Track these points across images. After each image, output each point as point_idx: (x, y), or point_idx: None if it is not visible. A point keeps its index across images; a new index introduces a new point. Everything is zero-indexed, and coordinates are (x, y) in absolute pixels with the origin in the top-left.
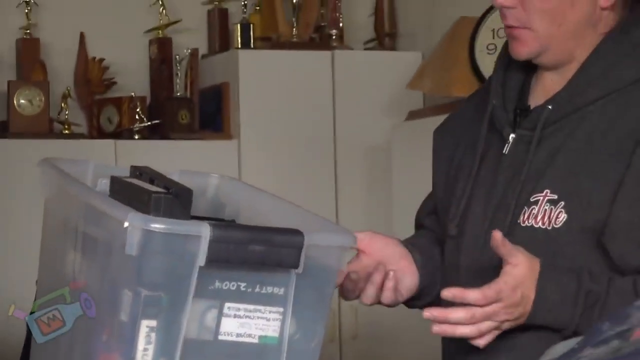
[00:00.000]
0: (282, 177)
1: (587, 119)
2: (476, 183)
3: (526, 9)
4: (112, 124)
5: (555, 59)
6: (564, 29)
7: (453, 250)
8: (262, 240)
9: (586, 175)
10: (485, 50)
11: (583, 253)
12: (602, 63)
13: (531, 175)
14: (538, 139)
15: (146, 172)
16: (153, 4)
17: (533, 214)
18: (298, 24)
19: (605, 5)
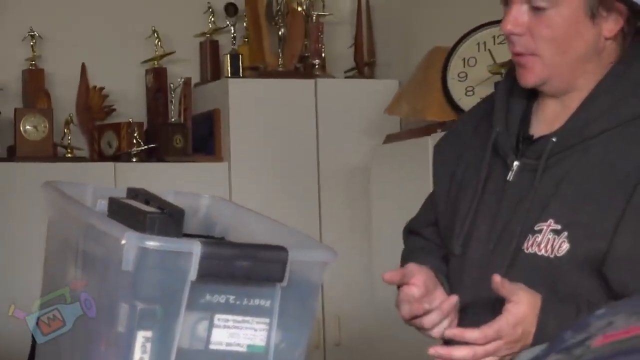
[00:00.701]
0: (270, 196)
1: (591, 151)
2: (480, 206)
3: (534, 36)
4: (112, 148)
5: (560, 87)
6: (569, 57)
7: (457, 269)
8: (249, 256)
9: (589, 207)
10: (456, 78)
11: (584, 281)
12: (607, 98)
13: (536, 204)
14: (543, 169)
15: (142, 193)
16: (149, 36)
17: (537, 242)
18: (283, 54)
19: (609, 35)
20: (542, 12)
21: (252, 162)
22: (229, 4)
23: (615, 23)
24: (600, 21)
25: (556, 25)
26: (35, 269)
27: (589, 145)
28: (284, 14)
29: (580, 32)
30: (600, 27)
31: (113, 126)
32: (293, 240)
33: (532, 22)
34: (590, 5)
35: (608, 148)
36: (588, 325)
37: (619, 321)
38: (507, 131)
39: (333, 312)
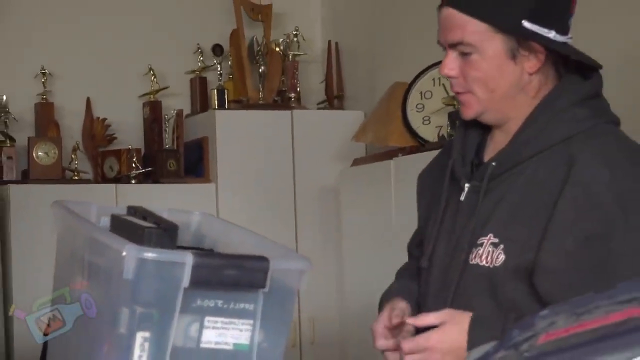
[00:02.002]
0: (252, 213)
1: (524, 173)
2: (442, 224)
3: (466, 78)
4: (114, 171)
5: (495, 118)
6: (497, 93)
7: (425, 280)
8: (235, 265)
9: (521, 223)
10: (415, 109)
11: (518, 289)
12: (536, 126)
13: (479, 220)
14: (485, 190)
15: (140, 210)
16: (145, 73)
17: (479, 254)
18: (263, 89)
19: (531, 71)
20: (469, 56)
21: (236, 183)
22: (216, 45)
23: (536, 60)
24: (521, 60)
25: (482, 68)
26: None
27: (523, 167)
28: (263, 53)
29: (503, 71)
30: (523, 65)
31: (114, 152)
32: (274, 251)
33: (463, 66)
34: (510, 48)
35: (537, 169)
36: (533, 325)
37: (560, 321)
38: (463, 159)
39: (308, 315)
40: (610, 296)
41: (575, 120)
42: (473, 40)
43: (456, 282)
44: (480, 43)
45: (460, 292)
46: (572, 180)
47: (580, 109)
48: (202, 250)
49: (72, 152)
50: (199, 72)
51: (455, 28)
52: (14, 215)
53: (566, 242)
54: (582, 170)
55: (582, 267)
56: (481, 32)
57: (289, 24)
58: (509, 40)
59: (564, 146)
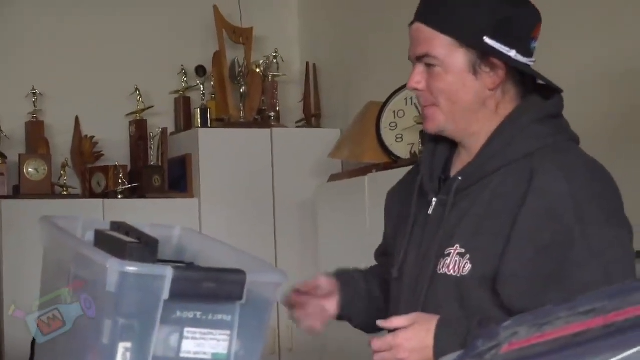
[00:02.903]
0: (233, 227)
1: (488, 187)
2: (411, 238)
3: (432, 90)
4: (101, 187)
5: (457, 132)
6: (459, 106)
7: (396, 290)
8: (213, 278)
9: (486, 233)
10: (388, 127)
11: (485, 297)
12: (499, 142)
13: (446, 232)
14: (452, 204)
15: (123, 226)
16: (132, 93)
17: (446, 264)
18: (244, 108)
19: (491, 87)
20: (434, 69)
21: (218, 198)
22: (199, 66)
23: (496, 77)
24: (482, 76)
25: (446, 80)
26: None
27: (487, 181)
28: (244, 74)
29: (465, 85)
30: (483, 81)
31: (102, 168)
32: (251, 265)
33: (428, 79)
34: (472, 63)
35: (501, 183)
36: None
37: (522, 331)
38: (431, 174)
39: (287, 323)
40: (571, 308)
41: (537, 137)
42: (438, 53)
43: (425, 291)
44: (444, 57)
45: (430, 301)
46: (533, 192)
47: (542, 126)
48: (182, 263)
49: (62, 168)
50: (182, 92)
51: (423, 42)
52: (5, 229)
53: (527, 250)
54: (542, 183)
55: (542, 275)
56: (446, 46)
57: (268, 46)
58: (471, 55)
59: (527, 161)
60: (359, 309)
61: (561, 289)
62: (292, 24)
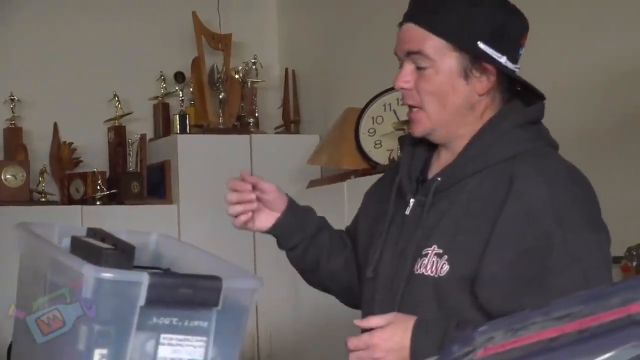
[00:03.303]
0: (212, 233)
1: (467, 188)
2: (387, 238)
3: (419, 91)
4: (79, 193)
5: (444, 135)
6: (448, 110)
7: (370, 289)
8: (189, 284)
9: (464, 235)
10: (367, 133)
11: (463, 298)
12: (479, 145)
13: (424, 233)
14: (430, 204)
15: (99, 232)
16: (110, 99)
17: (424, 264)
18: (223, 114)
19: (481, 92)
20: (424, 70)
21: (197, 204)
22: (178, 73)
23: (486, 82)
24: (472, 81)
25: (435, 82)
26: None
27: (465, 183)
28: (223, 80)
29: (455, 88)
30: (473, 86)
31: (80, 175)
32: (227, 271)
33: (417, 80)
34: (464, 67)
35: (481, 185)
36: (473, 339)
37: (497, 336)
38: (409, 176)
39: (266, 328)
40: (546, 312)
41: (517, 142)
42: (431, 53)
43: (402, 291)
44: (437, 57)
45: (406, 301)
46: (513, 196)
47: (522, 131)
48: (159, 270)
49: (40, 174)
50: (161, 98)
51: (415, 40)
52: None
53: (507, 253)
54: (523, 187)
55: (521, 278)
56: (439, 48)
57: (247, 52)
58: (464, 59)
59: (507, 165)
60: (295, 241)
61: (540, 292)
62: (271, 30)
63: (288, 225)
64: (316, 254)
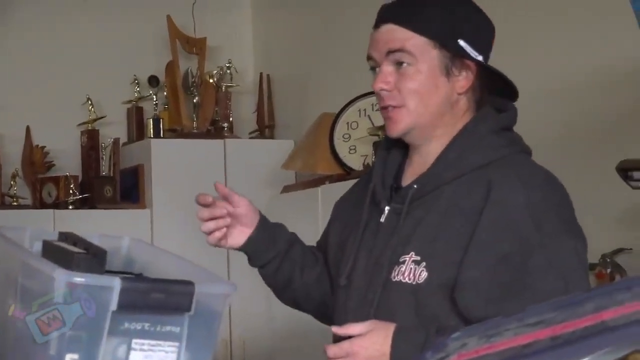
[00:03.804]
0: (185, 238)
1: (444, 196)
2: (361, 245)
3: (401, 90)
4: (52, 197)
5: (421, 135)
6: (430, 108)
7: (343, 297)
8: (161, 289)
9: (442, 241)
10: (342, 139)
11: (442, 305)
12: (456, 151)
13: (400, 240)
14: (406, 211)
15: (71, 236)
16: (84, 103)
17: (401, 271)
18: (197, 119)
19: (460, 91)
20: (406, 69)
21: (170, 209)
22: (152, 77)
23: (466, 80)
24: (453, 79)
25: (418, 80)
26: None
27: (442, 190)
28: (198, 85)
29: (437, 86)
30: (454, 84)
31: (53, 179)
32: (200, 276)
33: (398, 79)
34: (445, 65)
35: (456, 193)
36: (446, 346)
37: (471, 343)
38: (383, 183)
39: (239, 336)
40: (519, 319)
41: (494, 148)
42: (413, 51)
43: (377, 299)
44: (419, 55)
45: (382, 308)
46: (491, 202)
47: (498, 138)
48: (131, 274)
49: (12, 178)
50: (135, 102)
51: (397, 40)
52: None
53: (486, 259)
54: (501, 194)
55: (500, 284)
56: (421, 46)
57: (222, 56)
58: (444, 56)
59: (483, 171)
60: (268, 257)
61: (520, 298)
62: (246, 34)
63: (260, 241)
64: (289, 269)
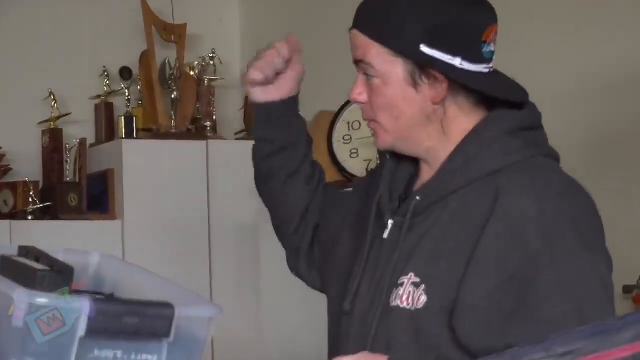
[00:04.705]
0: (162, 253)
1: (449, 207)
2: (367, 265)
3: (372, 105)
4: (8, 206)
5: (409, 149)
6: (402, 122)
7: (346, 324)
8: (136, 312)
9: (444, 261)
10: (342, 141)
11: (443, 333)
12: (462, 157)
13: (401, 259)
14: (408, 226)
15: (32, 251)
16: (45, 98)
17: (399, 295)
18: (176, 116)
19: (435, 100)
20: (373, 80)
21: (145, 220)
22: (124, 68)
23: (438, 89)
24: (423, 89)
25: (385, 94)
26: None
27: (448, 201)
28: (176, 77)
29: (406, 98)
30: (424, 94)
31: (9, 185)
32: (180, 297)
33: (369, 92)
34: (410, 75)
35: (464, 203)
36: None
37: None
38: (390, 193)
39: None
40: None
41: (505, 152)
42: (375, 63)
43: (375, 327)
44: (382, 67)
45: (379, 337)
46: (496, 215)
47: (512, 140)
48: (101, 295)
49: None
50: (104, 97)
51: (360, 48)
52: None
53: (488, 280)
54: (508, 204)
55: (504, 308)
56: (382, 55)
57: (205, 45)
58: (408, 65)
59: (492, 178)
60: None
61: (524, 326)
62: (232, 21)
63: (280, 114)
64: (278, 165)
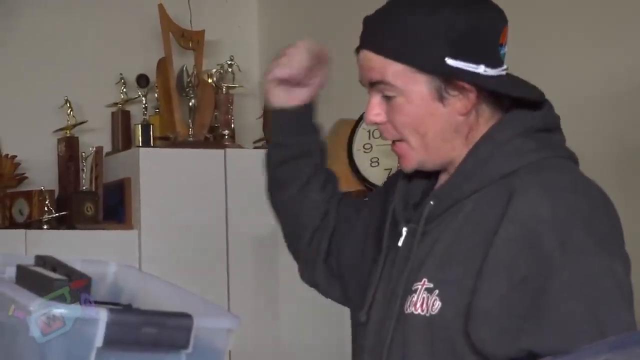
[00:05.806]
0: (179, 264)
1: (463, 211)
2: (382, 275)
3: (394, 124)
4: (23, 215)
5: (438, 164)
6: (430, 137)
7: (361, 335)
8: (155, 323)
9: (457, 265)
10: (362, 150)
11: (459, 339)
12: (475, 161)
13: (414, 265)
14: (422, 232)
15: (49, 261)
16: (61, 106)
17: (413, 302)
18: (194, 124)
19: (462, 112)
20: (393, 100)
21: (162, 229)
22: (141, 75)
23: (467, 100)
24: (450, 102)
25: (409, 112)
26: None
27: (462, 205)
28: (194, 85)
29: (432, 114)
30: (452, 107)
31: (25, 194)
32: (199, 308)
33: (389, 111)
34: (436, 89)
35: (477, 206)
36: None
37: None
38: (405, 200)
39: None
40: None
41: (519, 154)
42: (395, 82)
43: (391, 335)
44: (403, 85)
45: (395, 346)
46: (509, 217)
47: (526, 141)
48: (118, 305)
49: None
50: (121, 105)
51: (375, 69)
52: None
53: (501, 284)
54: (520, 206)
55: (518, 311)
56: (403, 74)
57: (223, 52)
58: (433, 80)
59: (506, 181)
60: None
61: (539, 329)
62: (250, 27)
63: (299, 120)
64: (292, 175)
